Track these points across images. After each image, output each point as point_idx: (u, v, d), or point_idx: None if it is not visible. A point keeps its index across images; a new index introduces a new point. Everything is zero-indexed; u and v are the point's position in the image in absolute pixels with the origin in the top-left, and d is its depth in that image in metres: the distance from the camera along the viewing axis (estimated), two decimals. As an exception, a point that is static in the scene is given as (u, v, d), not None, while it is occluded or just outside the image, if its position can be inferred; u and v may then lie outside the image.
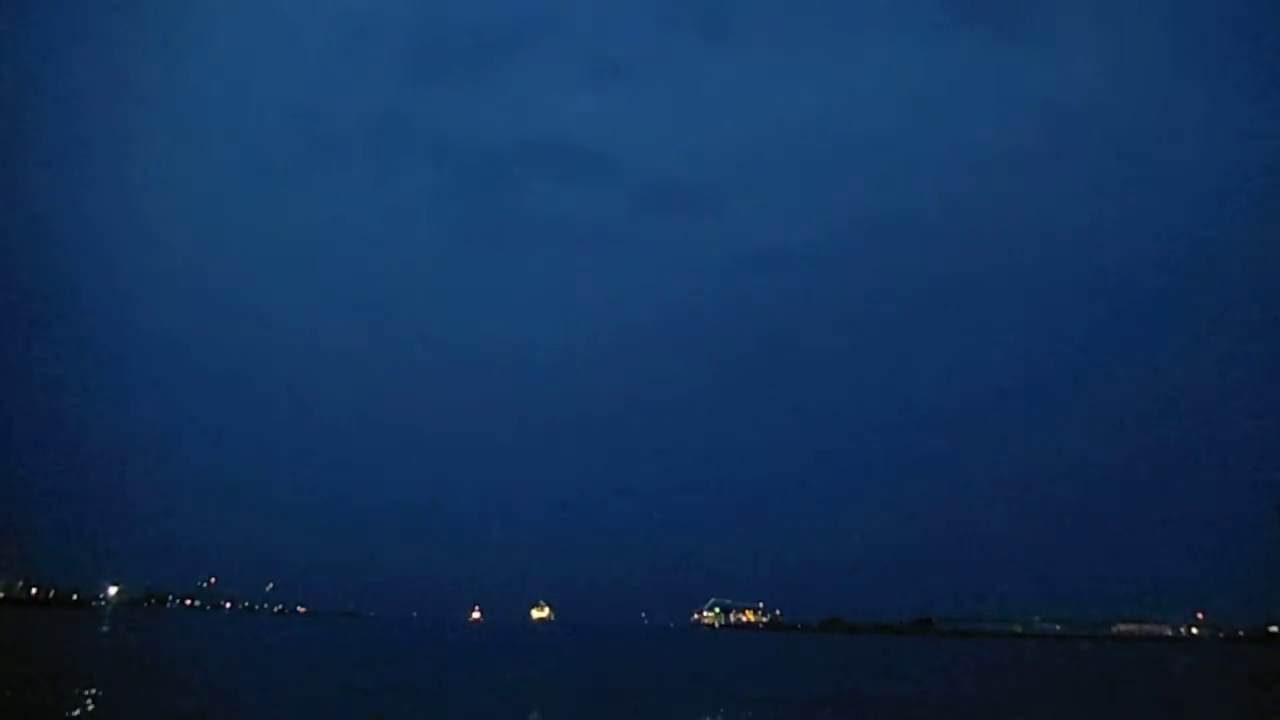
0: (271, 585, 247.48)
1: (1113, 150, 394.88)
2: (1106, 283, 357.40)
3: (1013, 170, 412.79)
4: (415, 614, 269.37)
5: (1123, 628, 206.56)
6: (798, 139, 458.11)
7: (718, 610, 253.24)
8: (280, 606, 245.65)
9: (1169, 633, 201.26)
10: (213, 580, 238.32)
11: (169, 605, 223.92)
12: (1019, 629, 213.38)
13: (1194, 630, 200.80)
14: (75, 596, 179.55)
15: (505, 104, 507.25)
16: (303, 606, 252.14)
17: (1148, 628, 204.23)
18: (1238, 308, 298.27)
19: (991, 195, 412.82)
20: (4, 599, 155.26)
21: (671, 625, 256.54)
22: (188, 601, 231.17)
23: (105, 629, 73.86)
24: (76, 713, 21.28)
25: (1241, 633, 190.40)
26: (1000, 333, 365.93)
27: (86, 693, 23.00)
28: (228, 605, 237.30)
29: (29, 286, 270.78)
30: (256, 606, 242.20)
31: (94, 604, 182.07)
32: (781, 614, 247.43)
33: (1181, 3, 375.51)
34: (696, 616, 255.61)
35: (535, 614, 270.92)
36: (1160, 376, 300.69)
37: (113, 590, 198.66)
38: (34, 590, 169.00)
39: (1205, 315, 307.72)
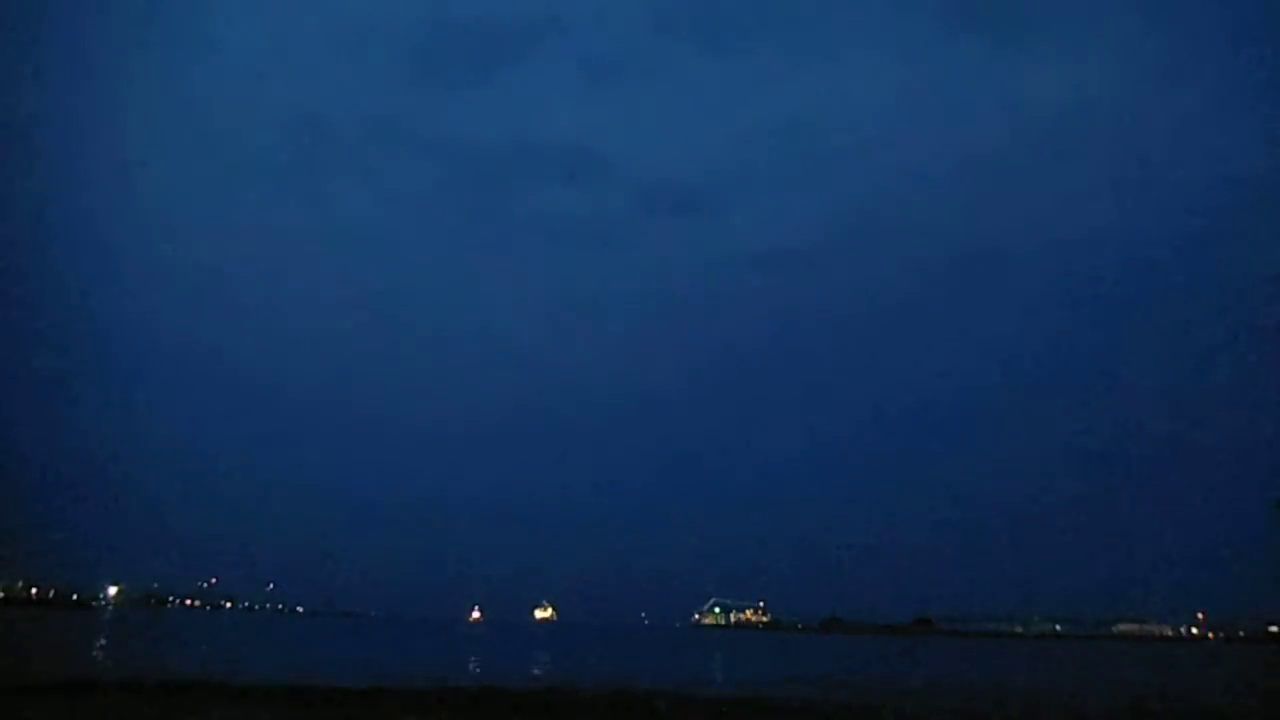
0: (271, 585, 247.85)
1: (1108, 152, 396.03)
2: (1106, 283, 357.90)
3: (1008, 172, 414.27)
4: (413, 614, 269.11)
5: (1123, 628, 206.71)
6: (794, 141, 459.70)
7: (718, 610, 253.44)
8: (280, 606, 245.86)
9: (1169, 633, 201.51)
10: (213, 580, 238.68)
11: (169, 605, 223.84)
12: (1019, 629, 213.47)
13: (1194, 630, 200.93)
14: (75, 596, 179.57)
15: (504, 106, 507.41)
16: (302, 606, 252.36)
17: (1148, 628, 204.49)
18: (1236, 308, 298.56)
19: (987, 196, 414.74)
20: (4, 599, 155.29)
21: (677, 625, 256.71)
22: (188, 601, 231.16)
23: (103, 633, 73.60)
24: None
25: (1241, 633, 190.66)
26: (999, 333, 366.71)
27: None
28: (227, 605, 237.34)
29: (31, 288, 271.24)
30: (256, 606, 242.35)
31: (94, 604, 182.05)
32: (782, 614, 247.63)
33: (1175, 7, 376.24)
34: (697, 616, 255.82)
35: (539, 614, 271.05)
36: (1160, 376, 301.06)
37: (113, 590, 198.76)
38: (34, 590, 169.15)
39: (1204, 315, 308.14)
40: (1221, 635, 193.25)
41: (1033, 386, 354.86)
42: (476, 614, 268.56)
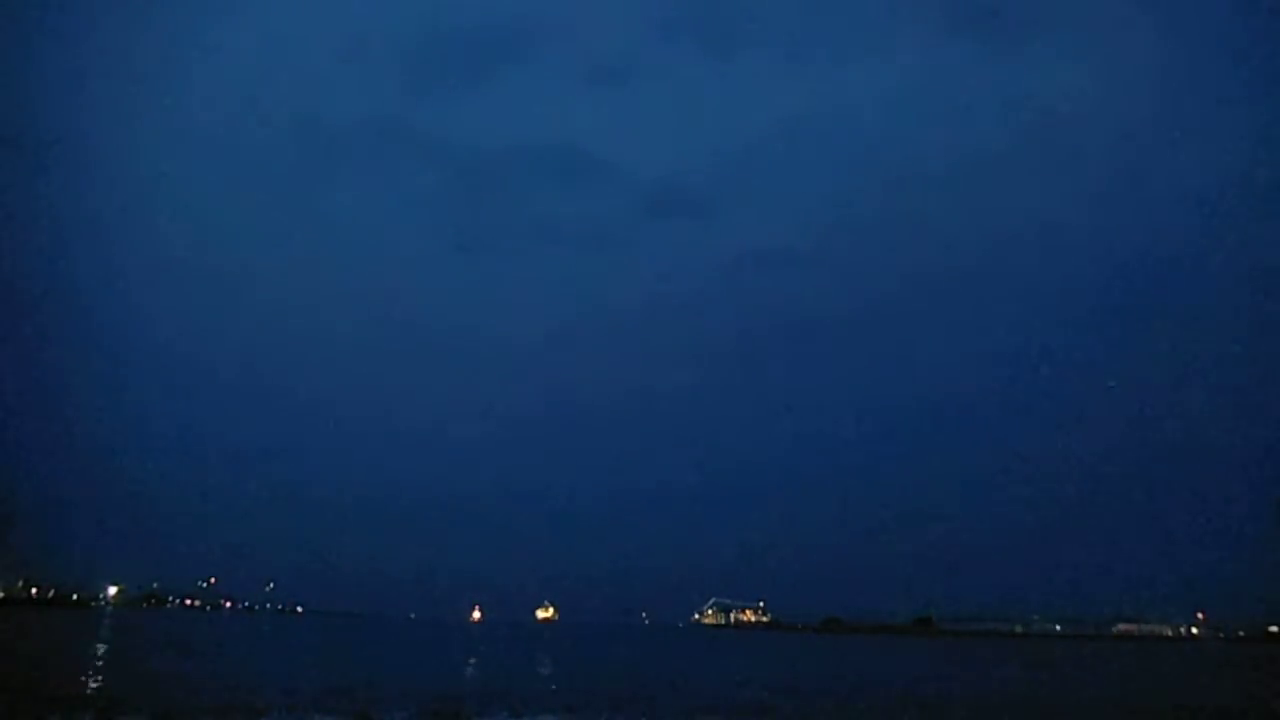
0: (271, 585, 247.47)
1: (1103, 155, 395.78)
2: (1104, 282, 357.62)
3: (1005, 173, 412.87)
4: (413, 614, 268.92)
5: (1123, 628, 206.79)
6: (795, 142, 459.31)
7: (718, 610, 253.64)
8: (281, 606, 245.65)
9: (1169, 633, 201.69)
10: (213, 580, 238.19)
11: (169, 605, 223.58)
12: (1019, 629, 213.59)
13: (1194, 630, 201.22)
14: (75, 596, 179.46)
15: (505, 108, 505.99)
16: (301, 606, 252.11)
17: (1148, 628, 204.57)
18: (1235, 308, 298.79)
19: (984, 197, 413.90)
20: (4, 599, 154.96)
21: (679, 625, 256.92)
22: (188, 601, 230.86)
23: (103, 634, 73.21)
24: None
25: (1241, 633, 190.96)
26: (998, 332, 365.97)
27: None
28: (228, 605, 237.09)
29: (31, 287, 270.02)
30: (256, 606, 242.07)
31: (94, 604, 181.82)
32: (782, 614, 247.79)
33: (1171, 12, 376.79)
34: (697, 616, 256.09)
35: (540, 614, 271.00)
36: (1160, 376, 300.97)
37: (113, 590, 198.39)
38: (34, 590, 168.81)
39: (1203, 315, 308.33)
40: (1221, 635, 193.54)
41: (1032, 386, 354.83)
42: (477, 614, 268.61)
